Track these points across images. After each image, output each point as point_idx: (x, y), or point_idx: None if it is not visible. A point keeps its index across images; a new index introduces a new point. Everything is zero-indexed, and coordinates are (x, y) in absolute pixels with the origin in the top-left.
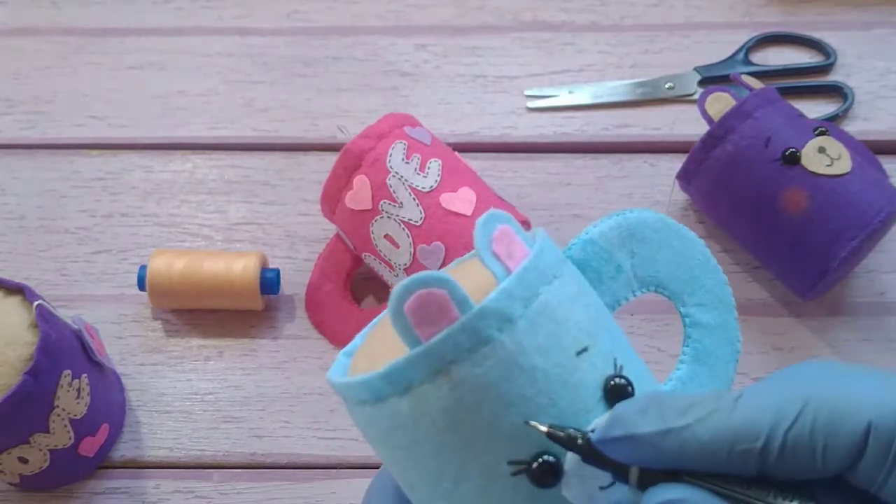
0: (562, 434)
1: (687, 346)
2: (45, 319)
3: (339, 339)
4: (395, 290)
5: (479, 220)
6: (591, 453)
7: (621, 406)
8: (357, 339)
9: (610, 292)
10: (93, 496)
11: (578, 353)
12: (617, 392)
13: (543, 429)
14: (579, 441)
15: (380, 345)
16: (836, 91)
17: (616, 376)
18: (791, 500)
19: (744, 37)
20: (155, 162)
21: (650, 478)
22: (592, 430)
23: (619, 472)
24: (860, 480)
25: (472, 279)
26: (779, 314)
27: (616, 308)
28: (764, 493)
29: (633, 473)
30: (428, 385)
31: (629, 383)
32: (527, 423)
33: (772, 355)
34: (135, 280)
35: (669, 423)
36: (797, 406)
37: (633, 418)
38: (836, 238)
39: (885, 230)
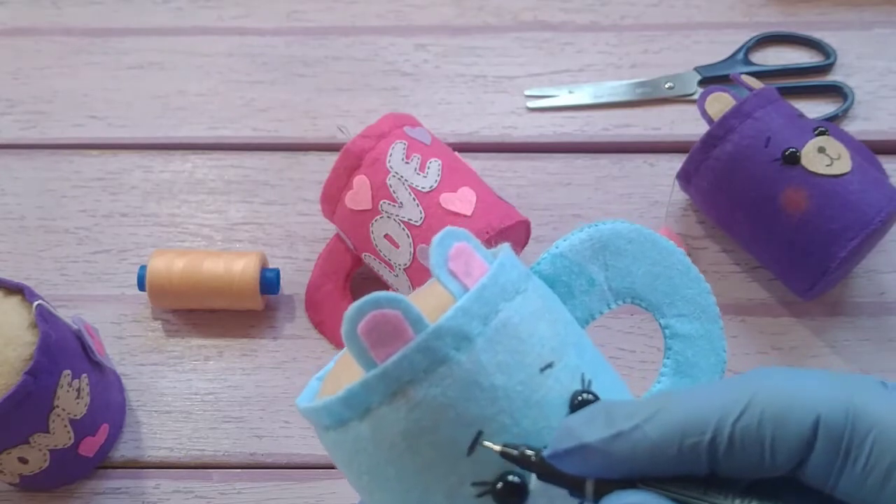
0: (515, 453)
1: (668, 357)
2: (44, 319)
3: (339, 339)
4: (347, 312)
5: (435, 239)
6: (546, 470)
7: (570, 418)
8: (330, 363)
9: (583, 306)
10: (93, 496)
11: (542, 370)
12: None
13: (497, 448)
14: (533, 459)
15: (344, 368)
16: (836, 91)
17: (583, 392)
18: (751, 501)
19: (744, 37)
20: (155, 162)
21: (606, 489)
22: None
23: (575, 487)
24: (812, 478)
25: (432, 299)
26: (779, 314)
27: (590, 322)
28: (721, 495)
29: (589, 486)
30: (386, 407)
31: (597, 399)
32: (480, 443)
33: (772, 355)
34: (135, 280)
35: (618, 426)
36: (744, 399)
37: (582, 428)
38: (836, 238)
39: (885, 230)
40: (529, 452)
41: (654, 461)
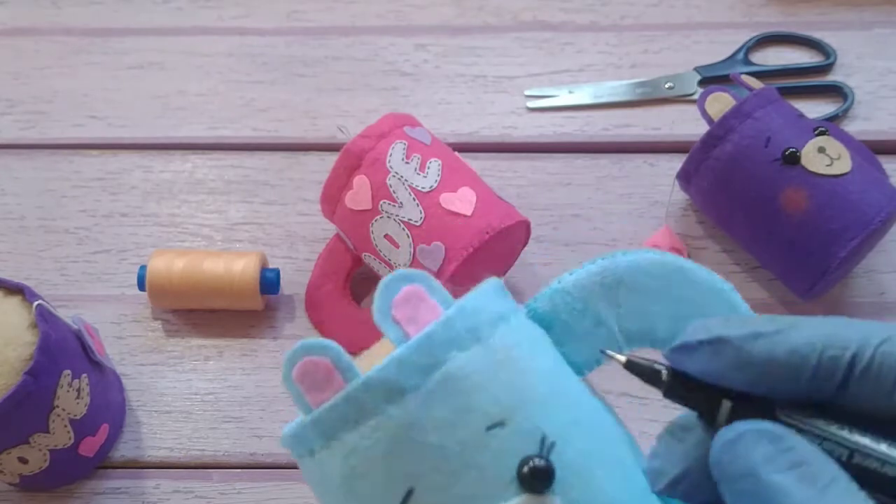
0: (643, 364)
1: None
2: (44, 319)
3: (339, 339)
4: (285, 356)
5: (382, 281)
6: (675, 384)
7: (703, 319)
8: None
9: (586, 350)
10: (93, 496)
11: (489, 429)
12: (535, 477)
13: (622, 359)
14: (663, 374)
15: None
16: (836, 91)
17: (536, 457)
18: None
19: (744, 37)
20: (155, 162)
21: (741, 416)
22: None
23: (706, 408)
24: None
25: (385, 347)
26: (779, 314)
27: (593, 367)
28: (859, 434)
29: (724, 407)
30: (325, 451)
31: (550, 466)
32: (603, 351)
33: None
34: (135, 280)
35: (757, 328)
36: (886, 331)
37: (718, 325)
38: (836, 238)
39: (885, 230)
40: (658, 367)
41: (791, 369)
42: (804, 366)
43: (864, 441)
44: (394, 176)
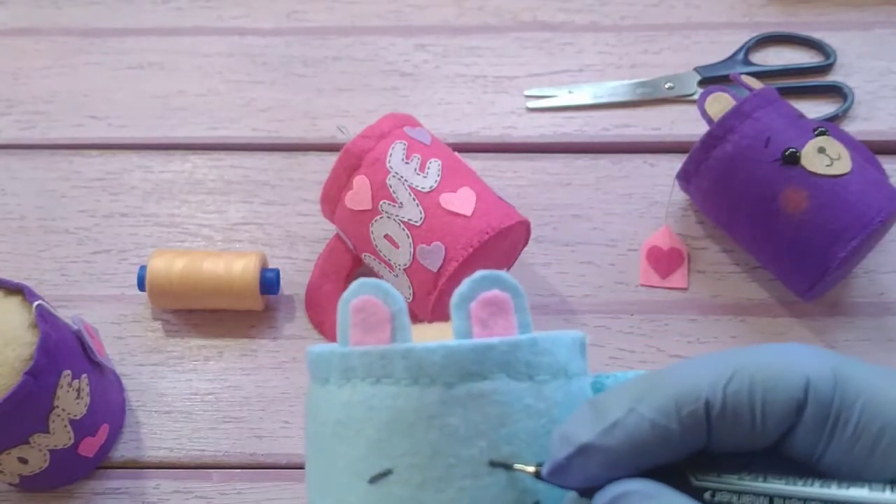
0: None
1: None
2: (44, 319)
3: None
4: (354, 282)
5: (479, 273)
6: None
7: (559, 427)
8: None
9: None
10: (93, 496)
11: (492, 464)
12: None
13: (530, 470)
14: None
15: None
16: (836, 91)
17: None
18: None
19: (744, 37)
20: (155, 162)
21: None
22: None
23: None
24: (799, 449)
25: (448, 331)
26: (779, 314)
27: None
28: (734, 475)
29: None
30: (337, 387)
31: None
32: (510, 466)
33: None
34: (135, 280)
35: (611, 416)
36: (731, 369)
37: (574, 430)
38: (836, 238)
39: (885, 230)
40: (531, 469)
41: (658, 442)
42: (668, 434)
43: (779, 486)
44: (394, 176)
